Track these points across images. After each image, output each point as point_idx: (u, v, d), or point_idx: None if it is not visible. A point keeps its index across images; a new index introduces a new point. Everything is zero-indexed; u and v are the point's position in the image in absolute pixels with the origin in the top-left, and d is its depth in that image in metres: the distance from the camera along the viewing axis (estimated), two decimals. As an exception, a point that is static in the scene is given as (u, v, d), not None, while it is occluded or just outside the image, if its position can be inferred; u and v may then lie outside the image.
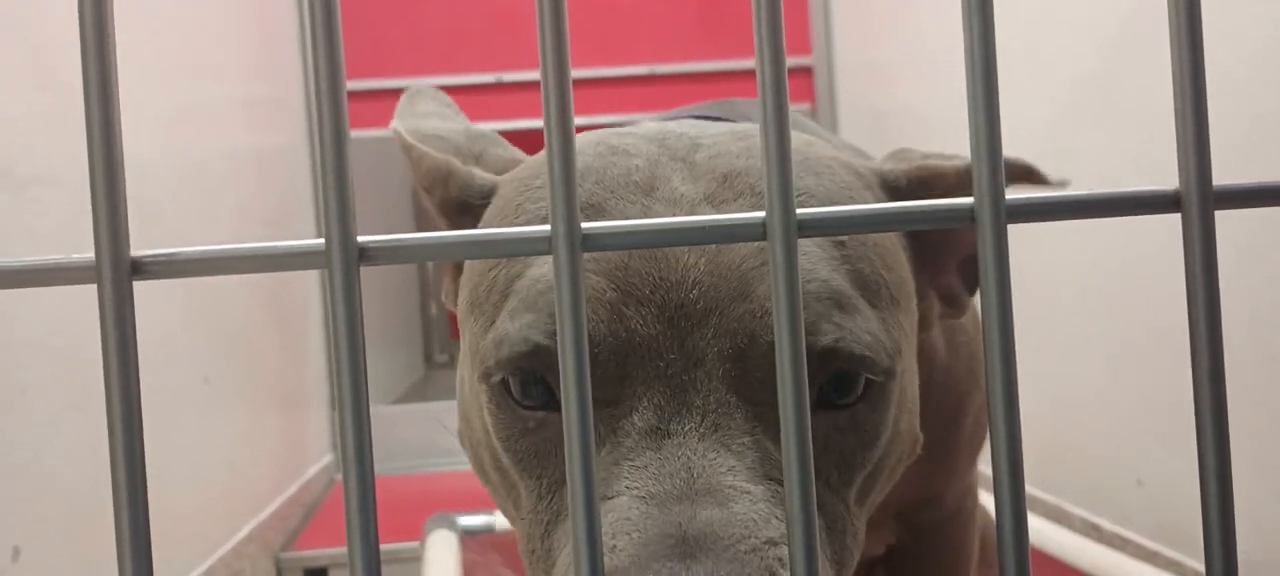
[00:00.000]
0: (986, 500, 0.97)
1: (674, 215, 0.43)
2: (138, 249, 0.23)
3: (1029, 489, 1.49)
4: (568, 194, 0.24)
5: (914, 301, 0.49)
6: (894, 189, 0.51)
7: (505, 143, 0.60)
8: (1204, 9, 0.25)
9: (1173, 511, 1.21)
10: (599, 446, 0.41)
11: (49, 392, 1.04)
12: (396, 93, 2.43)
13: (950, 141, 0.86)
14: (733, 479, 0.38)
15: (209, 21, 1.65)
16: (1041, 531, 1.28)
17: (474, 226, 0.51)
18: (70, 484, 1.06)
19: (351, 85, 2.21)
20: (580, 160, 0.46)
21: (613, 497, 0.38)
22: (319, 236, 0.23)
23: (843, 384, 0.42)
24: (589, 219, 0.42)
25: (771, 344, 0.40)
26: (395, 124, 0.58)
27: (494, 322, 0.43)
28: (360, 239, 0.23)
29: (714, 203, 0.43)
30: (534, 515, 0.43)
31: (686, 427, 0.39)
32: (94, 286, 0.23)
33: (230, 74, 1.74)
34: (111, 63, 0.23)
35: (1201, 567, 1.11)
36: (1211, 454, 0.26)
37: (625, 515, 0.37)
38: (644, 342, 0.40)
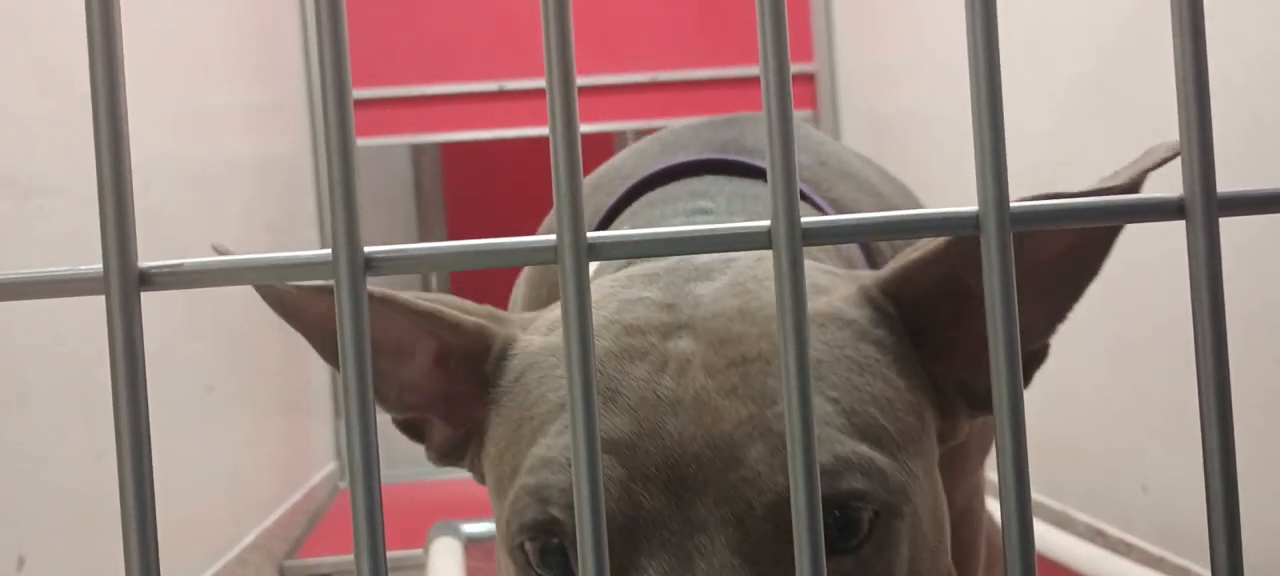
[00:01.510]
0: (993, 506, 0.96)
1: (678, 387, 0.45)
2: (142, 256, 0.23)
3: (1033, 494, 1.48)
4: (574, 204, 0.24)
5: (929, 436, 0.49)
6: (884, 315, 0.50)
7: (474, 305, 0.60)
8: (1207, 18, 0.25)
9: (1177, 516, 1.21)
10: None
11: (53, 400, 1.04)
12: (401, 101, 2.45)
13: (953, 145, 0.86)
14: None
15: (211, 28, 1.65)
16: (1046, 537, 1.28)
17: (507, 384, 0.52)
18: (74, 491, 1.06)
19: (356, 93, 2.21)
20: (599, 343, 0.47)
21: None
22: (323, 242, 0.23)
23: (846, 526, 0.43)
24: (606, 402, 0.45)
25: (768, 505, 0.42)
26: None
27: (509, 497, 0.46)
28: (366, 249, 0.23)
29: (710, 371, 0.45)
30: None
31: None
32: (98, 296, 0.23)
33: (233, 80, 1.74)
34: (119, 77, 0.23)
35: (1207, 572, 1.11)
36: (1217, 458, 0.26)
37: None
38: (650, 516, 0.43)
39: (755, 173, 0.65)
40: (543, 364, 0.50)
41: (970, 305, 0.50)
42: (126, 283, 0.22)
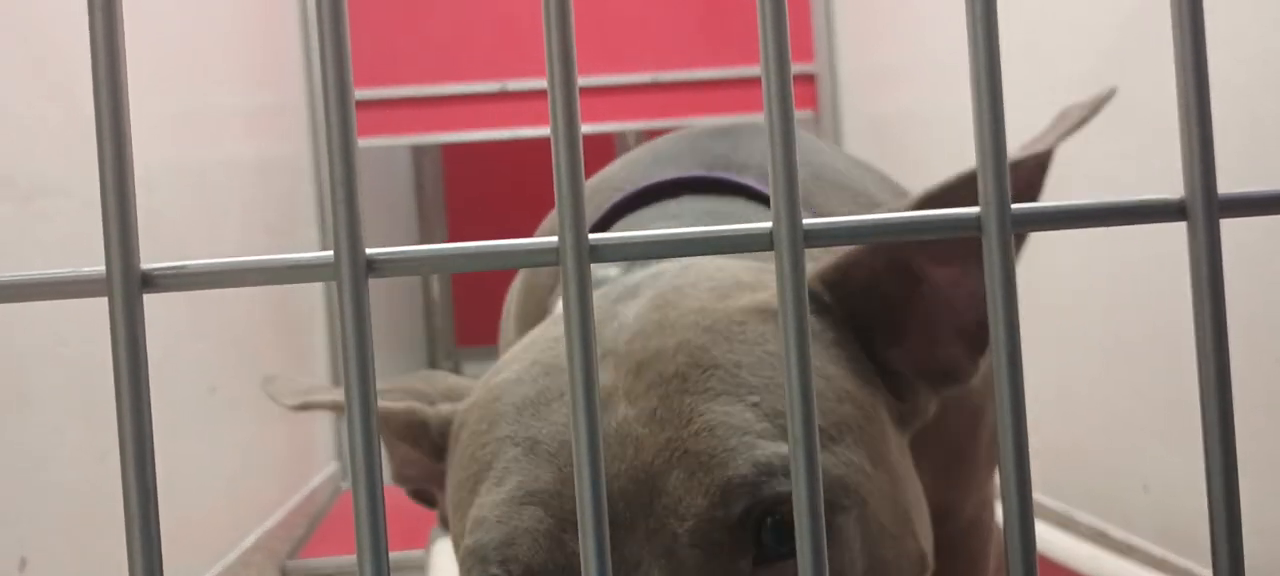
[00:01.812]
0: (999, 511, 0.96)
1: (603, 417, 0.44)
2: (144, 258, 0.24)
3: (1035, 495, 1.48)
4: (576, 205, 0.24)
5: (877, 419, 0.48)
6: (822, 308, 0.50)
7: (442, 373, 0.61)
8: (1208, 19, 0.25)
9: (1179, 517, 1.21)
10: None
11: (55, 401, 1.04)
12: (402, 101, 2.44)
13: (953, 146, 0.86)
14: None
15: (213, 31, 1.66)
16: (1048, 538, 1.28)
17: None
18: (77, 493, 1.06)
19: (357, 93, 2.21)
20: (520, 392, 0.48)
21: None
22: (323, 243, 0.23)
23: (781, 530, 0.42)
24: (526, 456, 0.45)
25: (691, 531, 0.42)
26: (299, 402, 0.60)
27: (460, 559, 0.47)
28: (368, 251, 0.23)
29: (630, 397, 0.45)
30: None
31: None
32: (101, 298, 0.23)
33: (235, 83, 1.75)
34: (122, 78, 0.23)
35: (1208, 573, 1.11)
36: (1218, 459, 0.26)
37: None
38: (580, 560, 0.42)
39: (741, 190, 0.65)
40: (471, 425, 0.50)
41: (920, 288, 0.50)
42: (129, 284, 0.22)
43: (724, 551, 0.42)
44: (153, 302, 1.24)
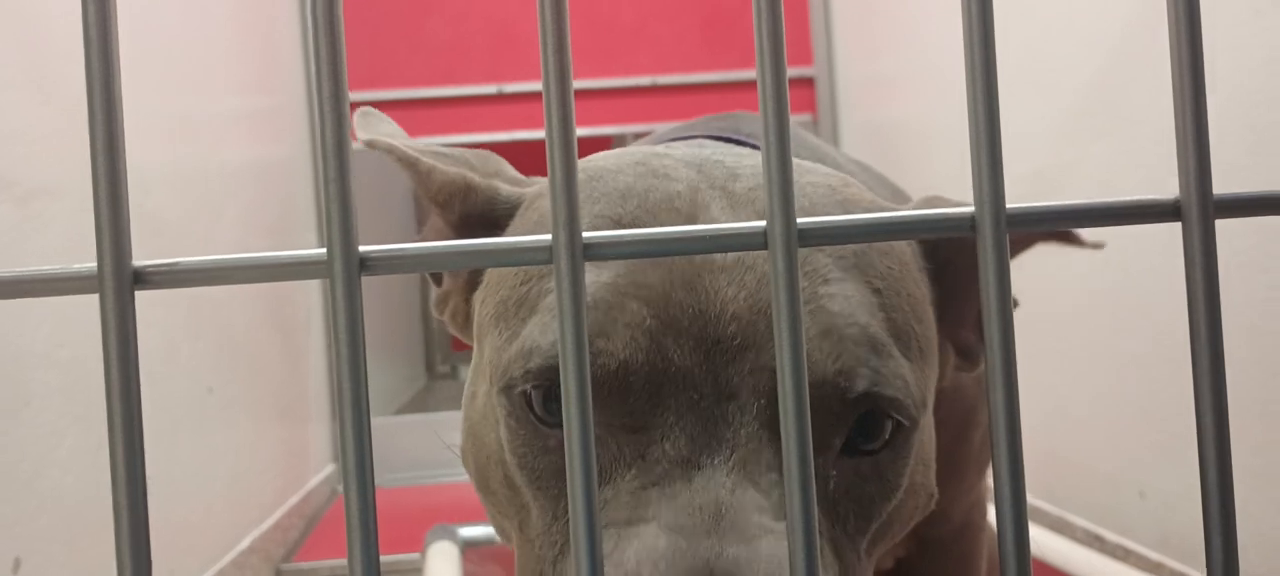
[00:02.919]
0: (994, 515, 0.96)
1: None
2: (140, 259, 0.23)
3: (1031, 500, 1.48)
4: (570, 203, 0.24)
5: (937, 355, 0.49)
6: (929, 251, 0.50)
7: (498, 160, 0.60)
8: (1203, 20, 0.25)
9: (1176, 523, 1.21)
10: (627, 469, 0.41)
11: (52, 403, 1.04)
12: (400, 104, 2.44)
13: (951, 153, 0.86)
14: (760, 517, 0.38)
15: (211, 33, 1.65)
16: (1044, 542, 1.28)
17: (497, 235, 0.51)
18: (72, 495, 1.06)
19: (354, 96, 2.21)
20: (621, 180, 0.46)
21: (641, 524, 0.38)
22: (320, 246, 0.23)
23: (870, 429, 0.42)
24: None
25: (811, 382, 0.40)
26: (374, 138, 0.57)
27: (519, 335, 0.43)
28: (361, 249, 0.23)
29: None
30: (546, 537, 0.43)
31: (717, 461, 0.39)
32: (96, 297, 0.23)
33: (232, 85, 1.74)
34: (115, 74, 0.23)
35: (1205, 579, 1.11)
36: (1213, 465, 0.26)
37: (653, 545, 0.37)
38: (679, 372, 0.40)
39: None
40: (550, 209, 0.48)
41: (975, 276, 0.51)
42: (120, 281, 0.22)
43: (826, 419, 0.41)
44: (150, 303, 1.24)
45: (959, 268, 0.51)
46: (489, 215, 0.52)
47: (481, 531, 1.41)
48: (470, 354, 0.54)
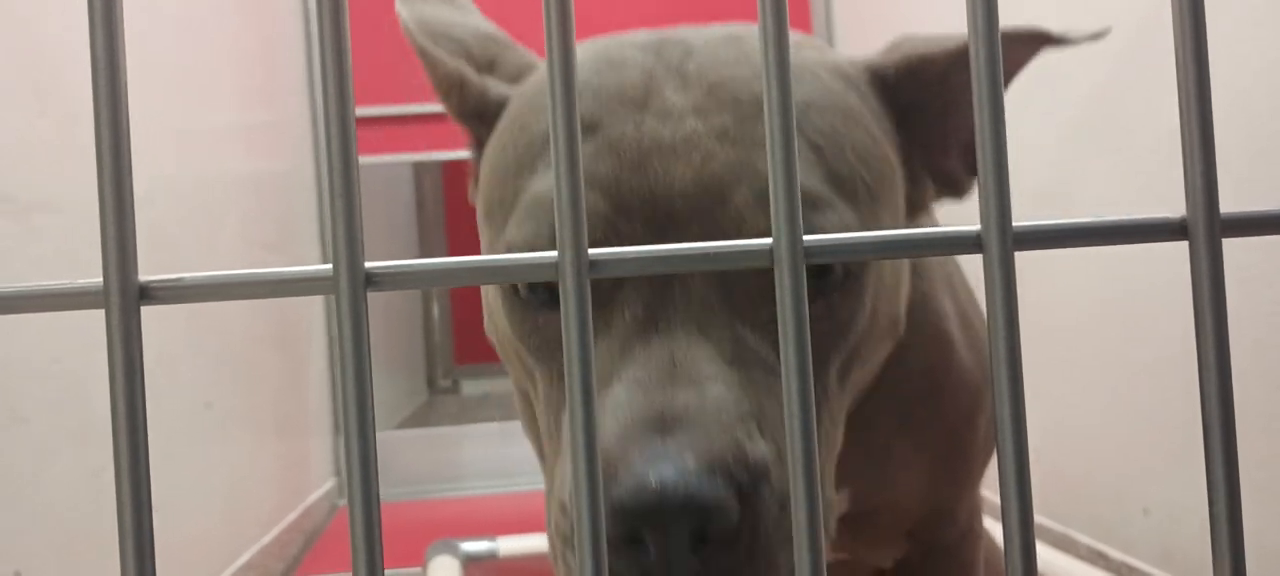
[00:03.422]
0: (994, 529, 0.96)
1: (664, 129, 0.46)
2: (142, 273, 0.23)
3: (1035, 516, 1.47)
4: (576, 220, 0.24)
5: (898, 192, 0.52)
6: (883, 83, 0.54)
7: (516, 45, 0.63)
8: (1208, 33, 0.25)
9: (1179, 539, 1.20)
10: (598, 339, 0.45)
11: (49, 417, 1.04)
12: (404, 119, 2.44)
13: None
14: (710, 366, 0.43)
15: (215, 47, 1.66)
16: (1048, 559, 1.27)
17: (488, 133, 0.56)
18: (69, 509, 1.05)
19: (358, 111, 2.21)
20: (580, 74, 0.49)
21: (610, 384, 0.43)
22: (324, 259, 0.23)
23: (821, 274, 0.46)
24: (586, 137, 0.47)
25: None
26: (403, 12, 0.60)
27: (502, 233, 0.48)
28: (367, 265, 0.23)
29: (701, 114, 0.47)
30: (547, 399, 0.49)
31: (672, 322, 0.44)
32: (97, 312, 0.23)
33: (235, 98, 1.75)
34: (122, 89, 0.23)
35: (1209, 597, 1.11)
36: (1221, 481, 0.26)
37: (616, 398, 0.42)
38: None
39: None
40: (531, 101, 0.52)
41: (954, 107, 0.55)
42: (126, 297, 0.22)
43: (772, 278, 0.43)
44: (150, 317, 1.23)
45: (926, 105, 0.55)
46: (482, 112, 0.57)
47: (482, 546, 1.40)
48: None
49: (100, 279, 0.22)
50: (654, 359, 0.43)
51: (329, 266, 0.23)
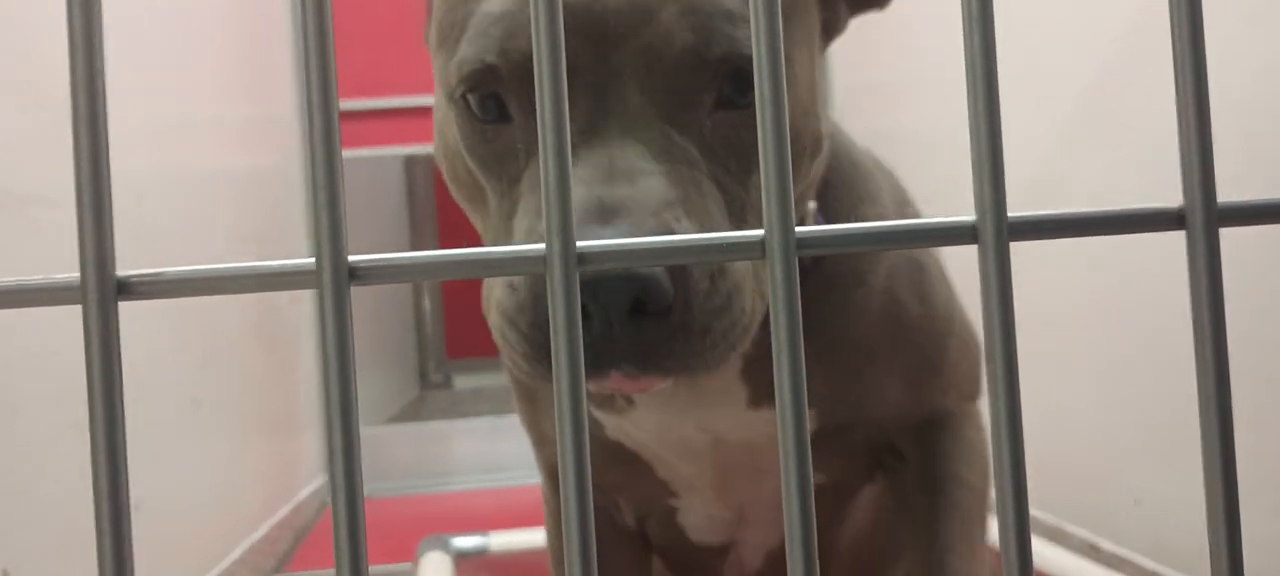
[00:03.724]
0: (992, 525, 0.96)
1: None
2: (128, 268, 0.23)
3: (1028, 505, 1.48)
4: (564, 213, 0.23)
5: (813, 15, 0.57)
6: None
7: None
8: (1204, 24, 0.25)
9: (1171, 531, 1.20)
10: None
11: (42, 413, 1.03)
12: (394, 112, 2.43)
13: (952, 160, 0.86)
14: (642, 163, 0.48)
15: (202, 40, 1.65)
16: (1040, 551, 1.27)
17: None
18: (62, 505, 1.05)
19: (348, 104, 2.21)
20: None
21: None
22: (312, 254, 0.23)
23: (742, 86, 0.50)
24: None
25: (675, 57, 0.49)
26: None
27: (455, 53, 0.53)
28: (351, 259, 0.23)
29: None
30: (498, 208, 0.53)
31: (609, 126, 0.49)
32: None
33: (223, 92, 1.74)
34: (99, 80, 0.22)
35: (1200, 588, 1.11)
36: (1217, 473, 0.25)
37: None
38: (573, 65, 0.49)
39: None
40: None
41: None
42: (104, 292, 0.22)
43: (696, 84, 0.50)
44: (136, 314, 1.23)
45: None
46: None
47: (474, 542, 1.40)
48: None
49: (77, 274, 0.22)
50: (595, 160, 0.48)
51: (312, 261, 0.23)
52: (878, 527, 0.81)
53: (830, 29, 0.61)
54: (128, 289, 0.22)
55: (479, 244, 0.58)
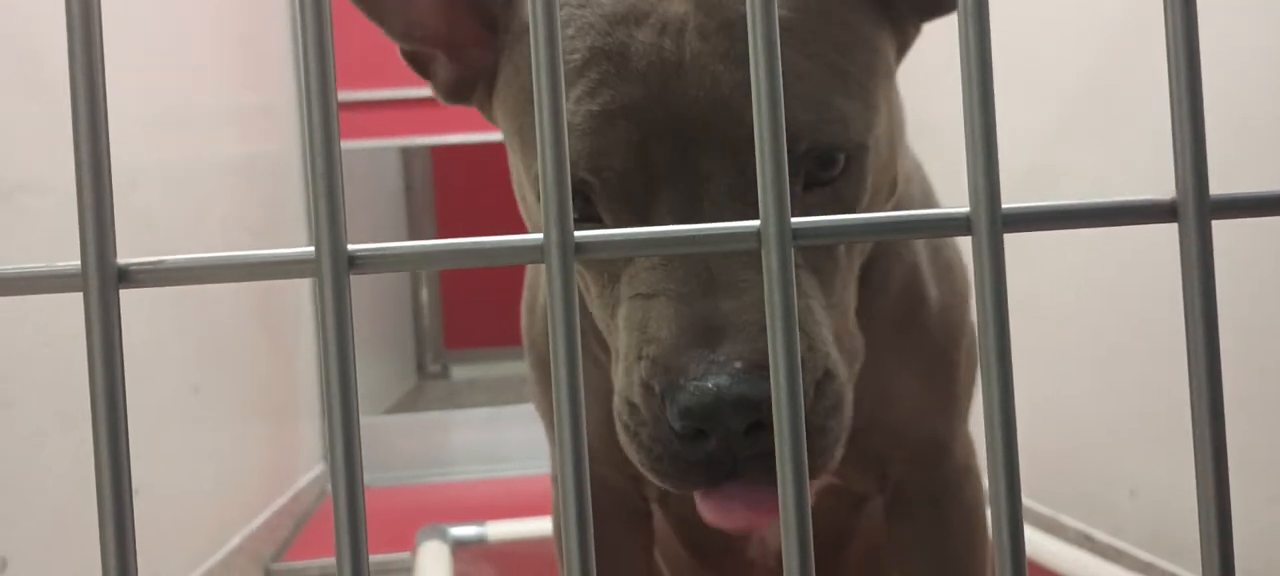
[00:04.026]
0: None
1: (675, 49, 0.50)
2: (127, 256, 0.23)
3: (1023, 499, 1.48)
4: (562, 202, 0.23)
5: (886, 55, 0.57)
6: None
7: None
8: (1198, 18, 0.25)
9: (1166, 522, 1.21)
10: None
11: (37, 403, 1.03)
12: (392, 104, 2.42)
13: (946, 150, 0.86)
14: (744, 272, 0.48)
15: (201, 30, 1.65)
16: (1036, 542, 1.28)
17: (495, 38, 0.59)
18: (59, 495, 1.05)
19: (346, 95, 2.20)
20: (607, 3, 0.53)
21: (653, 296, 0.49)
22: (310, 243, 0.23)
23: (825, 163, 0.51)
24: (610, 64, 0.50)
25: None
26: None
27: (535, 153, 0.51)
28: (350, 247, 0.23)
29: (703, 34, 0.51)
30: (599, 295, 0.54)
31: None
32: (79, 294, 0.23)
33: (222, 82, 1.74)
34: (99, 69, 0.22)
35: (1194, 578, 1.11)
36: (1209, 463, 0.25)
37: (663, 312, 0.48)
38: (665, 169, 0.50)
39: None
40: (568, 17, 0.54)
41: None
42: (105, 280, 0.22)
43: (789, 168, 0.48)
44: (137, 301, 1.23)
45: None
46: (490, 22, 0.59)
47: (471, 531, 1.40)
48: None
49: (78, 262, 0.22)
50: (693, 270, 0.48)
51: (311, 249, 0.23)
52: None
53: (903, 49, 0.60)
54: (128, 277, 0.22)
55: (477, 234, 0.58)
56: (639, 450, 0.49)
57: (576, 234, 0.24)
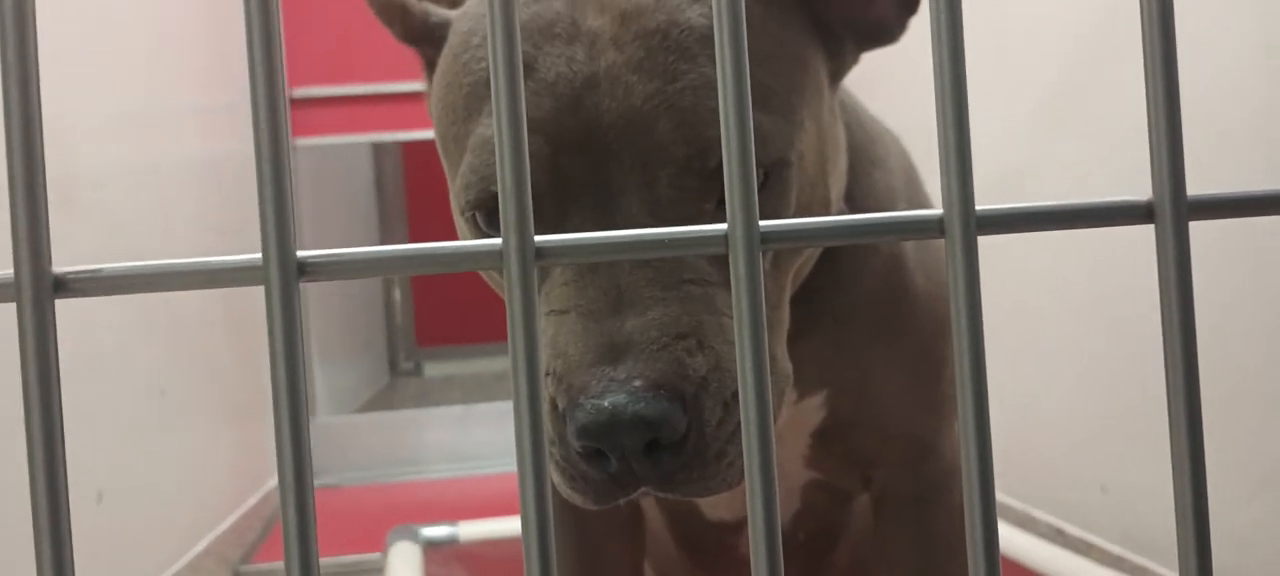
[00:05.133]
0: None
1: (590, 62, 0.50)
2: (98, 256, 0.22)
3: (996, 494, 1.49)
4: (521, 206, 0.22)
5: (816, 75, 0.56)
6: None
7: None
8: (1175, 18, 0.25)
9: (1137, 517, 1.21)
10: (554, 266, 0.49)
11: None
12: (362, 99, 2.40)
13: (918, 152, 0.86)
14: (651, 289, 0.47)
15: (166, 30, 1.62)
16: (1007, 537, 1.28)
17: (436, 54, 0.58)
18: (22, 503, 1.03)
19: (316, 91, 2.18)
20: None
21: (564, 312, 0.48)
22: (259, 250, 0.22)
23: None
24: (526, 79, 0.49)
25: (672, 172, 0.48)
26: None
27: (458, 171, 0.53)
28: (300, 254, 0.22)
29: (618, 45, 0.50)
30: None
31: None
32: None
33: (190, 81, 1.71)
34: (32, 68, 0.21)
35: (1166, 572, 1.12)
36: (1185, 463, 0.25)
37: (572, 329, 0.47)
38: (576, 184, 0.49)
39: None
40: (467, 39, 0.54)
41: None
42: (40, 289, 0.21)
43: (694, 193, 0.49)
44: (100, 303, 1.20)
45: None
46: (428, 37, 0.60)
47: (443, 531, 1.39)
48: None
49: (11, 271, 0.21)
50: (601, 285, 0.48)
51: (258, 256, 0.22)
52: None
53: (838, 74, 0.59)
54: (65, 286, 0.21)
55: (451, 235, 0.58)
56: (554, 468, 0.49)
57: (538, 239, 0.23)
